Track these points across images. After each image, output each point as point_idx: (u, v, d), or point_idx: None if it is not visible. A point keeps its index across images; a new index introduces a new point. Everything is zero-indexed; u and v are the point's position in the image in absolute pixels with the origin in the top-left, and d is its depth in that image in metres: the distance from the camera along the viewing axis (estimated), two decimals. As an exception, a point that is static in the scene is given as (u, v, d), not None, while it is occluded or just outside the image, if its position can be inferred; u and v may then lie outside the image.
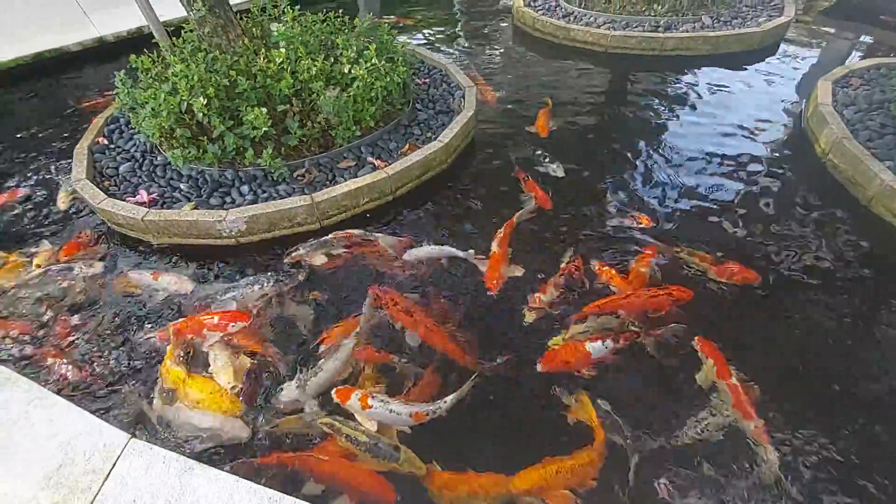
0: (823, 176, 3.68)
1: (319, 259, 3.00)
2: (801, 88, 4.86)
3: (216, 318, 2.55)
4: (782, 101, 4.67)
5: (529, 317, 2.63)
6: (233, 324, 2.52)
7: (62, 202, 3.59)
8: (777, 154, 3.97)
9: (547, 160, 3.86)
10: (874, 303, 2.74)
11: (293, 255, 3.04)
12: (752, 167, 3.81)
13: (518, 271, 2.90)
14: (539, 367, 2.38)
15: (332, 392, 2.27)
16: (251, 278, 2.89)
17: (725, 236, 3.18)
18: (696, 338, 2.47)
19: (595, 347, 2.41)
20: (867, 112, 3.84)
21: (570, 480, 1.99)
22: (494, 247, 3.03)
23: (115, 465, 1.99)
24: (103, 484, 1.93)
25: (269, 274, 2.92)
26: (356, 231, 3.18)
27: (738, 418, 2.16)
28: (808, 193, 3.55)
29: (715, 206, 3.43)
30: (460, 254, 3.02)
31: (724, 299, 2.75)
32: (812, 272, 2.91)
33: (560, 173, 3.74)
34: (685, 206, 3.47)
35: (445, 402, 2.20)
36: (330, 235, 3.15)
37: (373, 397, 2.19)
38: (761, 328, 2.61)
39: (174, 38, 3.73)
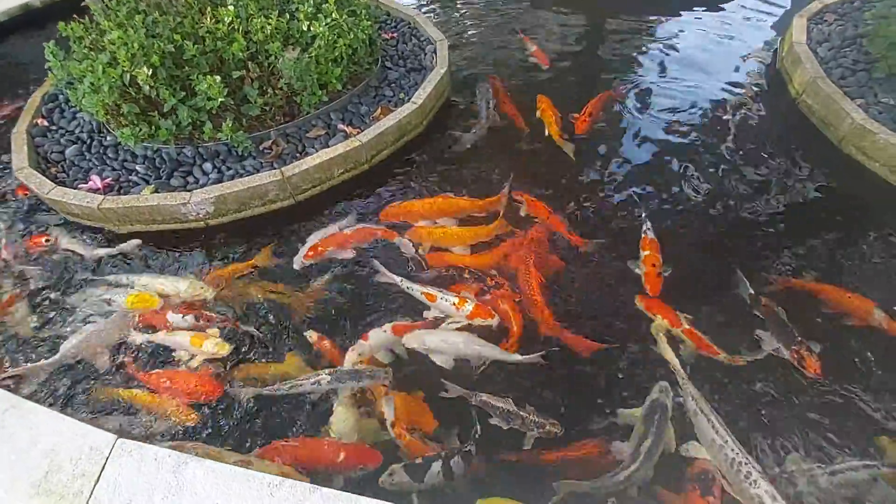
0: (797, 118, 3.67)
1: None
2: (777, 26, 4.77)
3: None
4: (758, 40, 4.58)
5: None
6: None
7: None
8: (750, 97, 3.92)
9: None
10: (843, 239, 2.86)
11: None
12: (724, 111, 3.76)
13: None
14: None
15: None
16: None
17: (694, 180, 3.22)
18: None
19: None
20: (840, 49, 3.79)
21: None
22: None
23: (104, 466, 1.94)
24: (95, 486, 1.89)
25: None
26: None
27: None
28: (781, 136, 3.55)
29: (685, 151, 3.42)
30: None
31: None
32: (780, 213, 3.01)
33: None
34: (652, 148, 3.46)
35: None
36: None
37: None
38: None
39: (106, 0, 3.32)
